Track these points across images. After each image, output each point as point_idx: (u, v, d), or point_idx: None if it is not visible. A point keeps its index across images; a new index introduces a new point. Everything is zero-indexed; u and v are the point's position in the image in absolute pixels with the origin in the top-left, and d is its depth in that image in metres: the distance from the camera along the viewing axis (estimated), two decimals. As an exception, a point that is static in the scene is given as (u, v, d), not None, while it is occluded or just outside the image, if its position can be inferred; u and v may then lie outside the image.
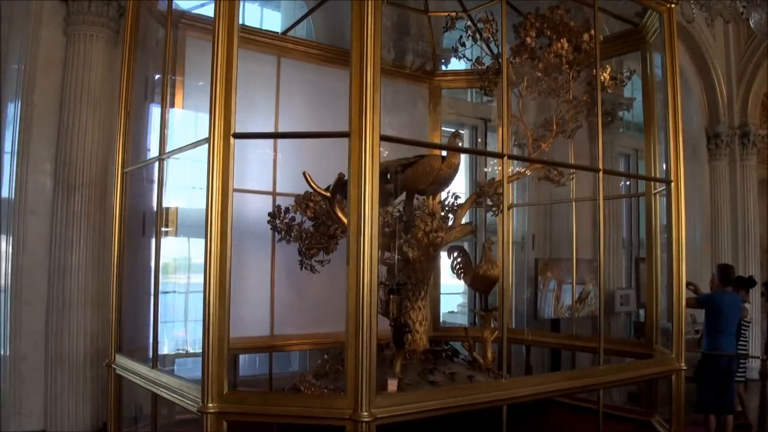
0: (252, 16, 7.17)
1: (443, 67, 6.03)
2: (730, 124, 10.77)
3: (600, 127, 3.95)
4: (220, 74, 3.06)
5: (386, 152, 4.51)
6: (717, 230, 10.65)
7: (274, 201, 4.97)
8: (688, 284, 6.34)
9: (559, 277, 7.54)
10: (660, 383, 4.79)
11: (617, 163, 9.28)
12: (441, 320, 6.26)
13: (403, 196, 4.51)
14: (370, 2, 2.94)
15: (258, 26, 6.74)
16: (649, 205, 5.00)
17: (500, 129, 3.48)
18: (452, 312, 8.35)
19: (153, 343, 3.70)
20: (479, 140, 7.54)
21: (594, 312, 7.69)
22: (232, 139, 3.06)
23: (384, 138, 2.99)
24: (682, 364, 4.31)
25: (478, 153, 4.45)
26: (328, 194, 3.94)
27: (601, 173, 3.90)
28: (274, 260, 5.03)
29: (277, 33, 5.38)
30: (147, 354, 3.82)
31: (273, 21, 7.24)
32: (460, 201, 4.64)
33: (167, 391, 3.44)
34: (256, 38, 5.15)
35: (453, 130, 4.47)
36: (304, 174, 3.98)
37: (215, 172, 3.03)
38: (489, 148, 6.81)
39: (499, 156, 3.46)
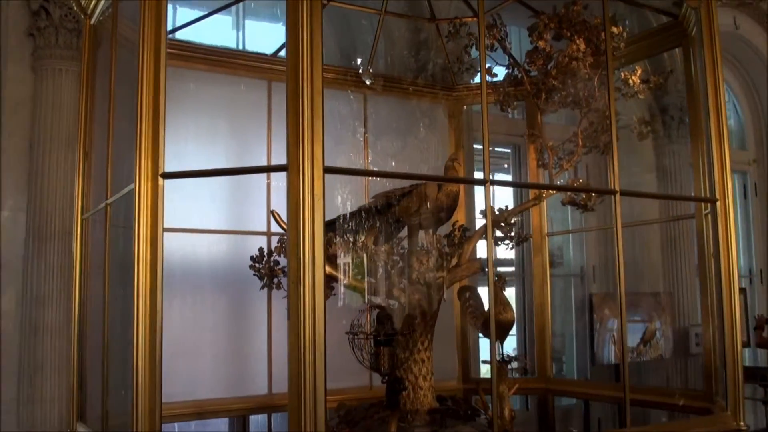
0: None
1: (471, 81, 5.90)
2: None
3: (614, 140, 3.68)
4: (146, 103, 2.97)
5: (388, 184, 4.45)
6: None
7: (268, 242, 4.90)
8: (765, 320, 5.89)
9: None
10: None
11: (690, 176, 8.88)
12: (479, 368, 6.07)
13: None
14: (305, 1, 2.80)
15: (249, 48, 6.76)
16: (700, 227, 4.66)
17: (485, 151, 3.26)
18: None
19: (102, 412, 3.61)
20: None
21: (664, 354, 7.30)
22: (161, 179, 2.96)
23: (329, 170, 2.82)
24: (742, 424, 3.92)
25: (457, 181, 4.23)
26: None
27: (617, 196, 3.63)
28: (270, 308, 4.94)
29: (266, 55, 5.33)
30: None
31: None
32: (470, 234, 4.47)
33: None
34: (242, 62, 5.11)
35: (491, 149, 4.33)
36: (272, 213, 3.89)
37: (142, 218, 2.93)
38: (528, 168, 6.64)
39: (481, 183, 3.25)
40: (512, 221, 4.47)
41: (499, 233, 4.53)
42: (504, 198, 7.90)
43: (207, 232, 4.74)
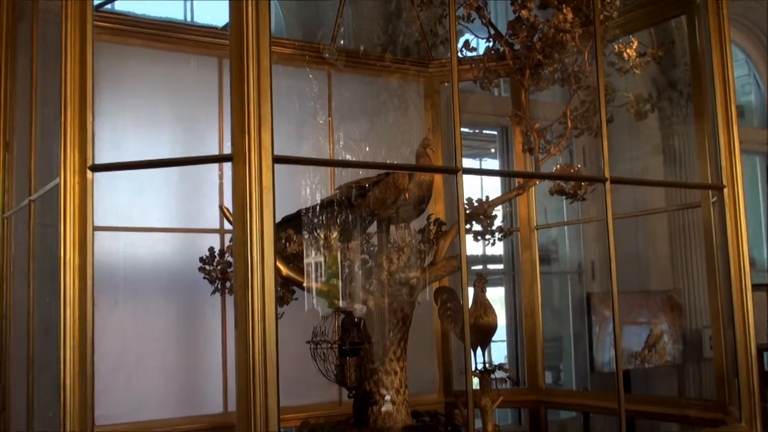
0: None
1: (447, 55, 5.91)
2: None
3: (603, 121, 3.72)
4: (71, 85, 2.96)
5: (361, 172, 4.48)
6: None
7: (220, 241, 4.92)
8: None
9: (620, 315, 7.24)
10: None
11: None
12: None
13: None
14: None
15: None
16: (707, 217, 4.72)
17: (455, 134, 3.29)
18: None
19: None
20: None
21: (674, 359, 7.38)
22: (89, 173, 2.96)
23: (280, 160, 2.84)
24: (758, 435, 3.98)
25: (426, 170, 4.26)
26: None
27: (607, 184, 3.67)
28: (225, 316, 4.95)
29: (216, 28, 5.33)
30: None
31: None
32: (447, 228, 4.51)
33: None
34: (190, 37, 5.10)
35: (475, 131, 4.37)
36: (221, 209, 3.90)
37: (69, 216, 2.94)
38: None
39: (452, 171, 3.28)
40: (493, 213, 4.49)
41: (478, 227, 4.55)
42: (491, 187, 7.98)
43: (149, 231, 4.75)
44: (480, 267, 8.40)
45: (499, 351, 8.41)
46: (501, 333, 7.77)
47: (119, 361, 4.51)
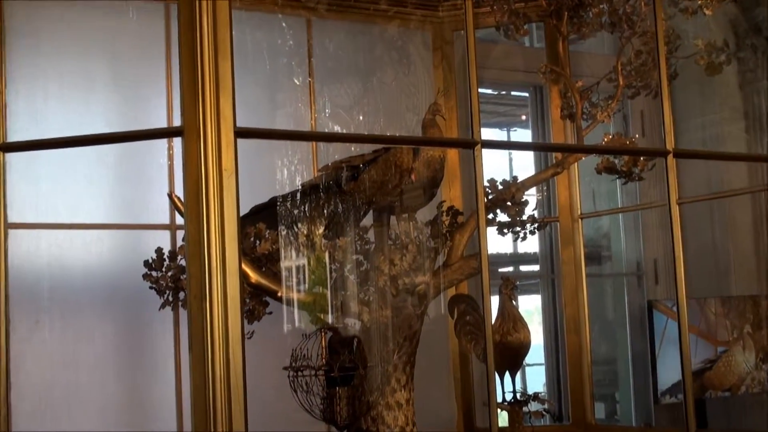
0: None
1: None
2: None
3: (664, 77, 3.72)
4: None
5: (354, 148, 4.50)
6: None
7: (171, 239, 4.94)
8: None
9: (693, 330, 7.24)
10: None
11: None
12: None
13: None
14: None
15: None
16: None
17: (472, 97, 3.30)
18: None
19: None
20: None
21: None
22: (0, 153, 2.98)
23: (244, 133, 2.86)
24: None
25: (432, 143, 4.28)
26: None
27: (671, 158, 3.69)
28: (178, 336, 4.98)
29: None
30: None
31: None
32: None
33: None
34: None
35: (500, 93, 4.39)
36: (170, 196, 3.93)
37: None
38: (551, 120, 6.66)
39: (469, 145, 3.29)
40: (524, 199, 4.51)
41: (504, 217, 4.57)
42: (522, 165, 7.96)
43: (79, 228, 4.77)
44: (508, 269, 8.40)
45: (534, 377, 8.42)
46: (536, 353, 7.76)
47: (44, 399, 4.53)
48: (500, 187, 4.57)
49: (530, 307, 8.57)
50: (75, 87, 4.86)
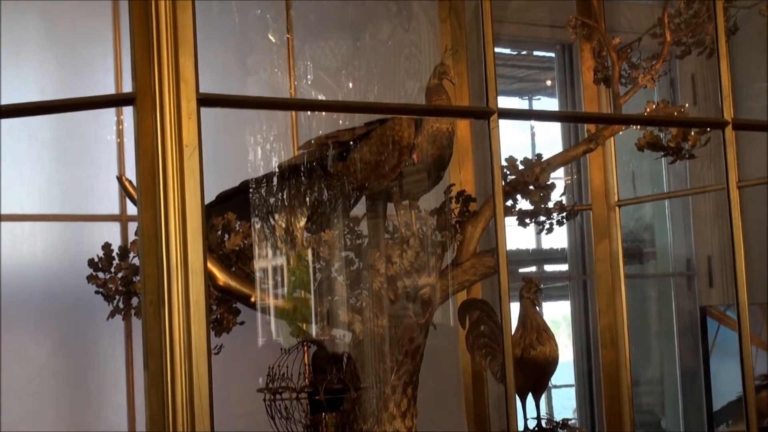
0: None
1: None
2: None
3: (721, 33, 3.74)
4: None
5: (345, 121, 4.50)
6: None
7: (122, 233, 4.95)
8: None
9: (755, 341, 7.28)
10: None
11: None
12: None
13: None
14: None
15: None
16: None
17: (486, 58, 3.29)
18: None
19: None
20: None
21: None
22: None
23: (209, 100, 2.85)
24: None
25: (439, 113, 4.28)
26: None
27: (729, 130, 3.69)
28: (131, 352, 5.00)
29: None
30: None
31: None
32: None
33: None
34: None
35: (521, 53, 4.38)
36: (119, 179, 3.91)
37: None
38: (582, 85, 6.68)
39: (483, 114, 3.29)
40: (549, 182, 4.50)
41: (526, 204, 4.57)
42: (548, 141, 7.94)
43: (10, 220, 4.78)
44: (530, 270, 8.42)
45: (562, 400, 8.44)
46: (565, 371, 7.79)
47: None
48: (521, 167, 4.57)
49: (557, 316, 8.60)
50: (4, 47, 4.85)
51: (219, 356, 3.62)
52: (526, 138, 8.46)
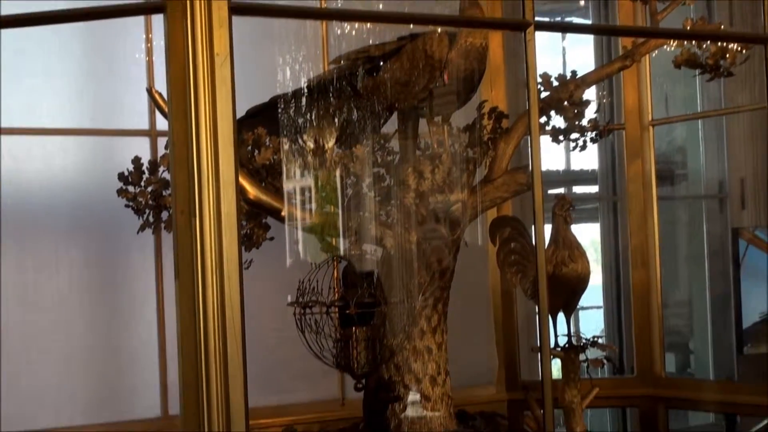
0: None
1: None
2: None
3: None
4: None
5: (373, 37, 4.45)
6: None
7: (152, 147, 4.94)
8: None
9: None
10: None
11: None
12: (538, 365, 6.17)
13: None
14: None
15: None
16: None
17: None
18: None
19: None
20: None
21: None
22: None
23: (238, 8, 2.81)
24: None
25: (472, 25, 4.22)
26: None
27: (771, 47, 3.63)
28: (161, 267, 4.99)
29: None
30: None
31: None
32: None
33: None
34: None
35: None
36: (149, 91, 3.89)
37: None
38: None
39: (519, 26, 3.24)
40: (584, 99, 4.47)
41: (560, 121, 4.53)
42: (581, 59, 7.86)
43: (37, 133, 4.78)
44: (562, 190, 8.38)
45: (591, 319, 8.43)
46: (595, 293, 7.78)
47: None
48: (555, 83, 4.53)
49: (585, 239, 8.58)
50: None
51: (248, 271, 3.59)
52: (557, 59, 8.41)
